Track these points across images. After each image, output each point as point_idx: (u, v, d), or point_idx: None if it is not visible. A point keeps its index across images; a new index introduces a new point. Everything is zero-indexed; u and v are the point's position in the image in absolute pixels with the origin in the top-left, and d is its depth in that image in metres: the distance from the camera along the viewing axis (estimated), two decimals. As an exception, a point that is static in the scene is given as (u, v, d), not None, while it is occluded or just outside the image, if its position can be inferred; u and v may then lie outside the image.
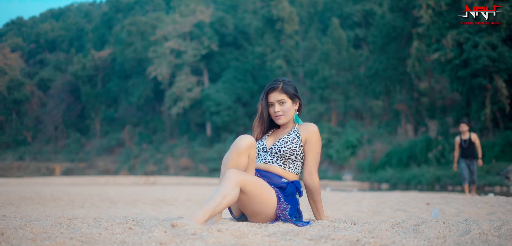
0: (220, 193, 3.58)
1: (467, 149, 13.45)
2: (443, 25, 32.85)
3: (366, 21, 50.97)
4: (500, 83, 29.80)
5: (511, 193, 18.39)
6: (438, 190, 23.20)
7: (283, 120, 4.14)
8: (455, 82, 32.62)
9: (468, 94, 32.52)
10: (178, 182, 32.39)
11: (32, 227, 3.33)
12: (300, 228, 3.61)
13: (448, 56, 31.38)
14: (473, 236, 3.28)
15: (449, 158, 30.88)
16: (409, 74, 38.65)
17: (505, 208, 7.92)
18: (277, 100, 4.12)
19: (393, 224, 3.80)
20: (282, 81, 4.20)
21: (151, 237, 3.08)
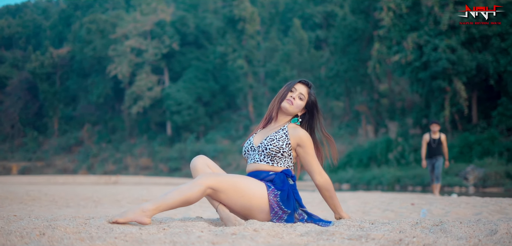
0: (178, 188, 3.66)
1: (435, 148, 13.59)
2: (404, 27, 33.20)
3: (327, 23, 51.22)
4: (459, 86, 30.27)
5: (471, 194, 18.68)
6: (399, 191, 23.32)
7: (289, 109, 4.16)
8: (415, 84, 33.02)
9: (427, 96, 32.95)
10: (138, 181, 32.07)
11: (65, 228, 3.27)
12: (335, 228, 3.59)
13: (408, 59, 31.72)
14: (502, 235, 3.31)
15: (409, 159, 31.25)
16: (370, 75, 39.01)
17: (488, 208, 8.03)
18: (300, 92, 4.17)
19: (413, 224, 3.77)
20: (313, 88, 4.29)
21: (201, 237, 3.09)
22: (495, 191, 21.91)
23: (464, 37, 30.50)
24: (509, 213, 7.35)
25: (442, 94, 31.35)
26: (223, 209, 3.81)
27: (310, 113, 4.28)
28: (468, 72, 30.42)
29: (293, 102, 4.14)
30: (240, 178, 3.86)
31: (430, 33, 31.49)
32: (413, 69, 32.16)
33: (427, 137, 13.76)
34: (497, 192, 20.38)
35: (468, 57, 30.17)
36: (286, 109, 4.16)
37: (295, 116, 4.25)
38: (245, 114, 51.57)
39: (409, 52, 31.66)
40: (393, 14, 33.28)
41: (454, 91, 30.66)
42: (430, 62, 30.92)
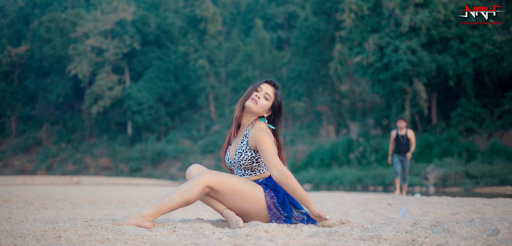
0: (177, 191, 3.65)
1: (402, 144, 13.60)
2: (365, 29, 33.39)
3: (288, 24, 51.31)
4: (419, 87, 30.55)
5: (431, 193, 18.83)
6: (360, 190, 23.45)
7: (253, 108, 3.98)
8: (376, 85, 33.22)
9: (388, 97, 33.20)
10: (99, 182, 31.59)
11: (76, 230, 3.24)
12: (340, 229, 3.55)
13: (369, 60, 31.88)
14: (505, 235, 3.34)
15: (370, 159, 31.45)
16: (331, 76, 39.15)
17: (464, 208, 8.11)
18: (266, 92, 4.02)
19: (413, 224, 3.79)
20: (280, 90, 4.15)
21: (221, 239, 3.10)
22: (455, 190, 22.17)
23: (424, 39, 30.82)
24: (486, 212, 7.43)
25: (403, 95, 31.61)
26: (228, 211, 3.82)
27: (275, 115, 4.11)
28: (428, 73, 30.75)
29: (257, 102, 3.98)
30: (238, 180, 3.84)
31: (391, 34, 31.72)
32: (374, 71, 32.34)
33: (394, 134, 13.76)
34: (457, 192, 20.61)
35: (428, 59, 30.49)
36: (250, 109, 4.02)
37: (262, 117, 4.09)
38: (206, 114, 51.29)
39: (370, 53, 31.82)
40: (354, 16, 33.46)
41: (415, 92, 30.93)
42: (391, 63, 31.14)
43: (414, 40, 30.80)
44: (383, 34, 31.97)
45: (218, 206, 3.88)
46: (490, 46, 29.55)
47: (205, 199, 3.89)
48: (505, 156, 26.19)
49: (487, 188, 22.68)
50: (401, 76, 30.91)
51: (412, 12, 30.98)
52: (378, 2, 33.36)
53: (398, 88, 31.35)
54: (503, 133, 28.97)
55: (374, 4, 33.44)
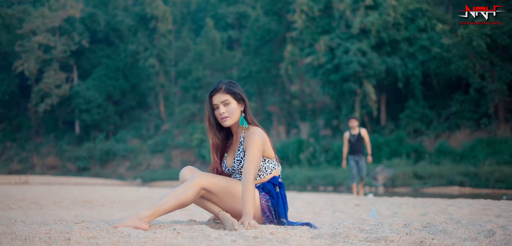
0: (173, 193, 3.68)
1: (356, 144, 13.39)
2: (316, 30, 33.45)
3: (239, 23, 51.06)
4: (369, 88, 30.73)
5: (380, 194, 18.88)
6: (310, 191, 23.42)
7: (229, 122, 3.95)
8: (327, 86, 33.29)
9: (338, 98, 33.33)
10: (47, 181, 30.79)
11: (80, 232, 3.24)
12: (348, 230, 3.59)
13: (320, 61, 31.95)
14: (500, 236, 3.40)
15: (320, 159, 31.48)
16: (282, 77, 39.11)
17: (430, 208, 8.22)
18: (221, 101, 3.94)
19: (406, 224, 3.87)
20: (226, 82, 4.02)
21: (236, 242, 3.13)
22: (404, 190, 22.35)
23: (374, 41, 31.04)
24: (452, 213, 7.59)
25: (353, 96, 31.76)
26: (224, 213, 3.83)
27: (245, 101, 4.07)
28: (377, 75, 30.96)
29: (226, 118, 3.94)
30: (233, 182, 3.87)
31: (342, 36, 31.84)
32: (325, 72, 32.41)
33: (348, 135, 13.56)
34: (405, 192, 20.78)
35: (378, 61, 30.71)
36: (228, 125, 3.99)
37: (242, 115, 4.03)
38: (156, 113, 50.63)
39: (321, 54, 31.89)
40: (305, 17, 33.47)
41: (364, 93, 31.12)
42: (341, 65, 31.26)
43: (364, 42, 30.99)
44: (334, 35, 32.08)
45: (213, 208, 3.90)
46: (438, 49, 29.90)
47: (200, 201, 3.90)
48: (452, 157, 26.54)
49: (434, 188, 22.96)
50: (351, 78, 31.04)
51: (362, 14, 31.16)
52: (329, 4, 33.44)
53: (348, 90, 31.49)
54: (450, 135, 29.36)
55: (325, 5, 33.51)
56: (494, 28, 26.74)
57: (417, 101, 31.47)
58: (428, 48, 30.74)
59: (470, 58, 27.52)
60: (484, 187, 22.45)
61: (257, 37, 41.04)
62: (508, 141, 25.89)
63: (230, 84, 4.01)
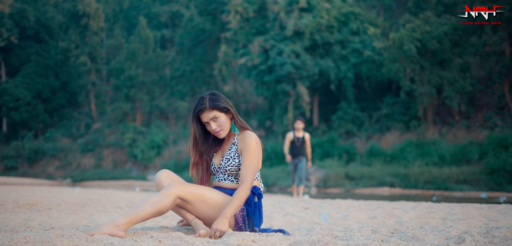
0: (149, 200, 3.69)
1: (299, 147, 13.08)
2: (250, 31, 33.33)
3: (173, 23, 50.32)
4: (302, 90, 30.76)
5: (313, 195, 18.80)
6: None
7: (223, 134, 4.05)
8: (260, 87, 33.20)
9: (272, 99, 33.27)
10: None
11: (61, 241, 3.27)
12: (321, 237, 3.67)
13: (254, 62, 31.84)
14: (470, 243, 3.46)
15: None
16: (215, 77, 38.76)
17: (377, 211, 8.38)
18: (210, 118, 3.99)
19: (374, 231, 3.93)
20: (208, 97, 4.02)
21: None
22: (336, 191, 22.44)
23: (307, 43, 31.11)
24: (400, 216, 7.69)
25: (286, 98, 31.74)
26: (197, 220, 3.89)
27: (228, 108, 4.06)
28: (311, 77, 31.04)
29: (219, 132, 4.02)
30: (208, 190, 3.91)
31: (276, 37, 31.81)
32: (259, 72, 32.33)
33: (291, 135, 13.22)
34: (338, 193, 20.82)
35: (311, 63, 30.78)
36: (223, 137, 4.07)
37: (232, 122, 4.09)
38: (86, 112, 49.35)
39: (255, 55, 31.79)
40: (240, 18, 33.31)
41: (298, 95, 31.13)
42: (275, 66, 31.21)
43: (298, 44, 31.05)
44: (268, 37, 32.02)
45: (187, 216, 3.94)
46: (370, 53, 30.19)
47: (176, 209, 3.94)
48: (382, 158, 26.81)
49: (366, 189, 23.12)
50: (285, 79, 31.02)
51: (296, 17, 31.20)
52: (263, 5, 33.34)
53: (281, 91, 31.46)
54: (380, 136, 29.65)
55: (260, 6, 33.40)
56: (424, 33, 27.16)
57: (349, 103, 31.70)
58: (360, 51, 31.03)
59: (401, 62, 27.86)
60: (413, 188, 22.74)
61: (191, 37, 40.56)
62: (436, 143, 26.31)
63: (213, 99, 4.00)
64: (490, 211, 8.28)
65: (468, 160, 24.00)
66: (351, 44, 31.36)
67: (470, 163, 23.73)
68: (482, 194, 19.72)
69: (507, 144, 22.93)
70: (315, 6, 31.33)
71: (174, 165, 35.00)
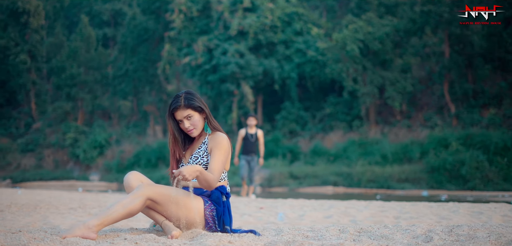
0: (120, 202, 3.69)
1: (251, 144, 12.85)
2: (194, 30, 33.07)
3: (115, 21, 49.38)
4: (246, 89, 30.63)
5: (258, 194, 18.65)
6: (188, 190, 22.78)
7: (196, 133, 4.11)
8: (205, 87, 32.95)
9: (216, 99, 33.03)
10: None
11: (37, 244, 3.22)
12: (293, 237, 3.72)
13: (198, 61, 31.61)
14: (438, 242, 3.53)
15: (197, 159, 30.92)
16: (159, 76, 38.23)
17: (333, 210, 8.52)
18: (183, 116, 4.06)
19: (342, 230, 4.01)
20: (183, 96, 4.08)
21: None
22: (280, 190, 22.38)
23: (252, 43, 30.99)
24: (354, 215, 7.84)
25: (230, 97, 31.56)
26: (167, 222, 3.87)
27: (202, 107, 4.13)
28: (255, 76, 30.93)
29: (192, 131, 4.09)
30: (178, 191, 3.88)
31: (220, 37, 31.63)
32: (203, 72, 32.10)
33: (243, 132, 12.98)
34: (282, 192, 20.79)
35: (255, 63, 30.66)
36: (196, 136, 4.13)
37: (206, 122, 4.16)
38: (26, 111, 47.95)
39: (199, 55, 31.54)
40: (184, 17, 32.96)
41: (242, 94, 30.99)
42: (219, 65, 31.04)
43: (242, 44, 30.92)
44: (212, 36, 31.80)
45: (157, 217, 3.91)
46: (313, 53, 30.26)
47: (145, 211, 3.90)
48: (326, 157, 26.89)
49: (310, 188, 23.13)
50: (229, 79, 30.86)
51: (240, 16, 31.05)
52: (207, 5, 33.08)
53: (226, 90, 31.29)
54: (324, 136, 29.74)
55: (203, 6, 33.12)
56: (367, 33, 27.38)
57: (292, 103, 31.72)
58: (304, 51, 31.09)
59: (344, 62, 28.01)
60: (356, 186, 22.88)
61: (133, 36, 39.86)
62: (378, 142, 26.54)
63: (188, 98, 4.06)
64: (440, 209, 8.60)
65: (410, 159, 24.26)
66: (294, 45, 31.39)
67: (411, 162, 23.99)
68: (424, 192, 19.96)
69: (447, 143, 23.26)
70: (259, 6, 31.24)
71: (116, 165, 34.34)
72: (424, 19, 27.41)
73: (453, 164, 21.69)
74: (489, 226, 4.05)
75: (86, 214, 8.00)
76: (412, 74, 28.68)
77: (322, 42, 29.99)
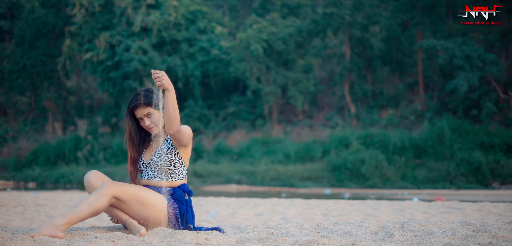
0: (86, 201, 3.63)
1: None
2: (96, 26, 32.00)
3: (12, 14, 46.97)
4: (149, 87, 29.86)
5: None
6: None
7: (156, 130, 3.96)
8: (107, 83, 31.95)
9: (118, 95, 32.13)
10: None
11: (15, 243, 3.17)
12: (259, 234, 3.76)
13: (100, 57, 30.66)
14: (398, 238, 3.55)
15: (98, 157, 30.02)
16: (58, 71, 36.67)
17: (261, 208, 8.61)
18: (144, 115, 3.93)
19: (299, 227, 4.02)
20: (143, 94, 3.97)
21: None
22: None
23: (155, 40, 30.33)
24: (283, 213, 7.94)
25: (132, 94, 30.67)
26: (132, 220, 3.80)
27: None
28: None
29: (152, 128, 3.94)
30: (142, 190, 3.84)
31: (123, 33, 30.76)
32: (105, 68, 31.17)
33: None
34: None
35: (159, 60, 30.05)
36: (156, 133, 3.96)
37: None
38: None
39: (101, 51, 30.53)
40: (85, 12, 31.77)
41: (145, 91, 30.18)
42: (122, 62, 30.18)
43: (146, 41, 30.20)
44: (115, 32, 30.89)
45: (121, 216, 3.85)
46: (217, 52, 29.96)
47: (109, 209, 3.82)
48: (229, 156, 26.70)
49: (214, 186, 22.97)
50: (132, 75, 30.12)
51: (144, 13, 30.32)
52: (109, 0, 31.98)
53: (128, 87, 30.46)
54: (227, 134, 29.52)
55: (106, 1, 32.09)
56: (270, 34, 27.34)
57: (196, 101, 31.29)
58: (208, 49, 30.71)
59: (248, 62, 27.85)
60: (260, 184, 22.82)
61: (32, 29, 37.95)
62: (281, 141, 26.57)
63: (148, 96, 3.95)
64: (362, 207, 8.90)
65: (312, 157, 24.42)
66: (198, 43, 30.97)
67: (313, 160, 24.16)
68: (326, 190, 20.04)
69: (348, 143, 23.57)
70: (163, 3, 30.60)
71: (13, 162, 32.63)
72: (326, 21, 27.69)
73: (354, 163, 21.98)
74: (436, 222, 4.13)
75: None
76: (314, 74, 28.91)
77: (226, 41, 29.74)
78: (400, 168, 21.88)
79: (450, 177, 21.46)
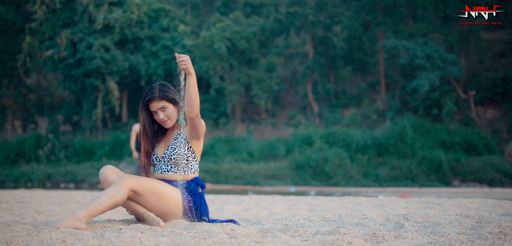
0: (106, 194, 3.67)
1: None
2: (57, 23, 31.28)
3: (-31, 10, 45.72)
4: (112, 85, 29.47)
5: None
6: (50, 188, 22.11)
7: (170, 124, 4.02)
8: (68, 81, 31.31)
9: (79, 94, 31.50)
10: None
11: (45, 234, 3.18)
12: (293, 226, 3.70)
13: (61, 55, 30.01)
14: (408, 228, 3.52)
15: (60, 156, 29.36)
16: (18, 69, 35.71)
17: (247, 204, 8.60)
18: (158, 108, 3.97)
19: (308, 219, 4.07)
20: (158, 87, 4.02)
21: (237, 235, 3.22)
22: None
23: (117, 37, 29.78)
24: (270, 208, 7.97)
25: (95, 92, 30.14)
26: (149, 213, 3.87)
27: (177, 100, 4.02)
28: (121, 72, 29.76)
29: (166, 122, 4.00)
30: (158, 183, 3.89)
31: (85, 31, 30.11)
32: (66, 66, 30.46)
33: (138, 128, 11.92)
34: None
35: (121, 58, 29.50)
36: (169, 127, 4.04)
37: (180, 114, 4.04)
38: None
39: (62, 48, 29.79)
40: (46, 8, 30.95)
41: (107, 89, 29.72)
42: (84, 60, 29.56)
43: (108, 38, 29.63)
44: (76, 29, 30.20)
45: (138, 209, 3.91)
46: (180, 50, 29.57)
47: (126, 203, 3.88)
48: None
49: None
50: (94, 73, 29.51)
51: (106, 10, 29.72)
52: (71, -3, 31.32)
53: (90, 85, 29.86)
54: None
55: (67, -2, 31.32)
56: (234, 32, 27.10)
57: (160, 100, 30.77)
58: (171, 48, 30.25)
59: (211, 60, 27.55)
60: (224, 183, 22.60)
61: (-9, 26, 36.96)
62: (244, 139, 26.36)
63: (163, 89, 4.00)
64: (344, 202, 9.01)
65: (275, 156, 24.27)
66: (161, 41, 30.50)
67: (277, 159, 24.01)
68: (291, 188, 19.88)
69: (311, 141, 23.48)
70: (126, 0, 30.02)
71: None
72: (289, 21, 27.55)
73: (317, 161, 21.88)
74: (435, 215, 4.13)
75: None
76: (277, 73, 28.75)
77: (189, 40, 29.34)
78: (363, 166, 21.87)
79: (412, 175, 21.55)
